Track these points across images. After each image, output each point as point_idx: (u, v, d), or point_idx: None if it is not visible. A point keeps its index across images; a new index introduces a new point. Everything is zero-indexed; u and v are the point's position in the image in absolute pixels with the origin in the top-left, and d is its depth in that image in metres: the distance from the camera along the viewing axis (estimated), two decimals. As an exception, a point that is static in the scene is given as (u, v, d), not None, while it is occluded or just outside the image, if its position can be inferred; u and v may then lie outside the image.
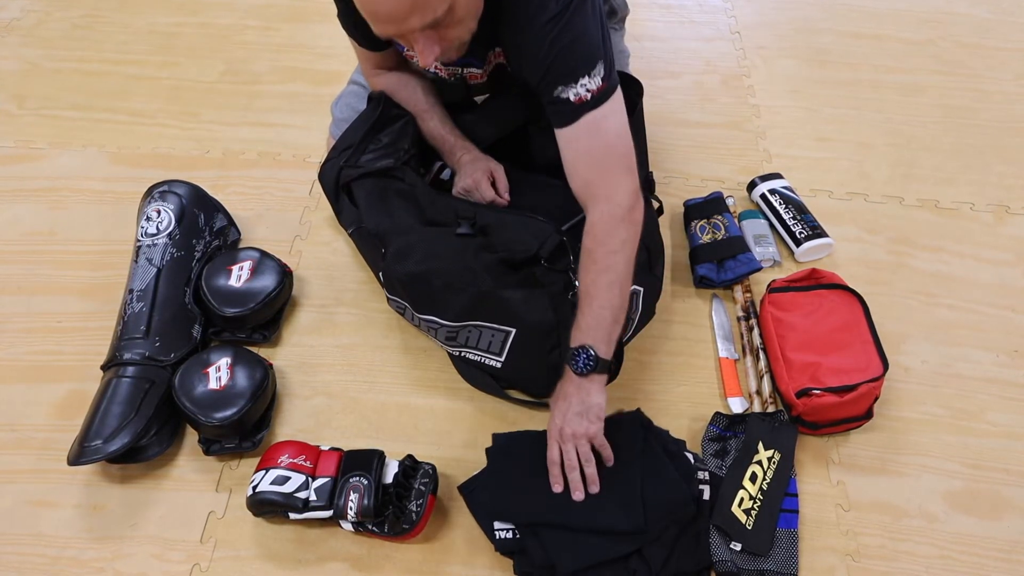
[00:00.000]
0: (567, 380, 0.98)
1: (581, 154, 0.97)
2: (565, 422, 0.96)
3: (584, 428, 0.95)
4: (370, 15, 0.87)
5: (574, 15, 0.92)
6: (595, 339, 0.95)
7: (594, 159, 0.97)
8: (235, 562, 0.96)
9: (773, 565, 0.96)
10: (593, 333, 0.96)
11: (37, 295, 1.23)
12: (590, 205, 0.97)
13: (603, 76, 0.94)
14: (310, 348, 1.17)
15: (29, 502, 1.01)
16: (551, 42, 0.92)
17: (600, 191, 0.97)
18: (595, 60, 0.93)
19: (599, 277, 0.96)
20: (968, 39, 1.74)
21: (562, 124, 0.96)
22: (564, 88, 0.94)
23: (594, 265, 0.96)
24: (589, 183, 0.98)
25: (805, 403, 1.04)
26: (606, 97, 0.95)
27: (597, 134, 0.96)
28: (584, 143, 0.96)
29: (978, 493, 1.04)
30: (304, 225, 1.33)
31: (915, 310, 1.24)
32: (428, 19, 0.85)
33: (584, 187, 0.98)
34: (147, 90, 1.57)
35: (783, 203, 1.33)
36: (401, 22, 0.86)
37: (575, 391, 0.96)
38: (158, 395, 1.04)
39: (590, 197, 0.97)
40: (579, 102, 0.94)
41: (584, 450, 0.95)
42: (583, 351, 0.95)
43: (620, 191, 0.96)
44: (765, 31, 1.75)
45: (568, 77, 0.93)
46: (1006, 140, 1.52)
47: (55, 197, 1.37)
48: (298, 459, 0.97)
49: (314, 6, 1.76)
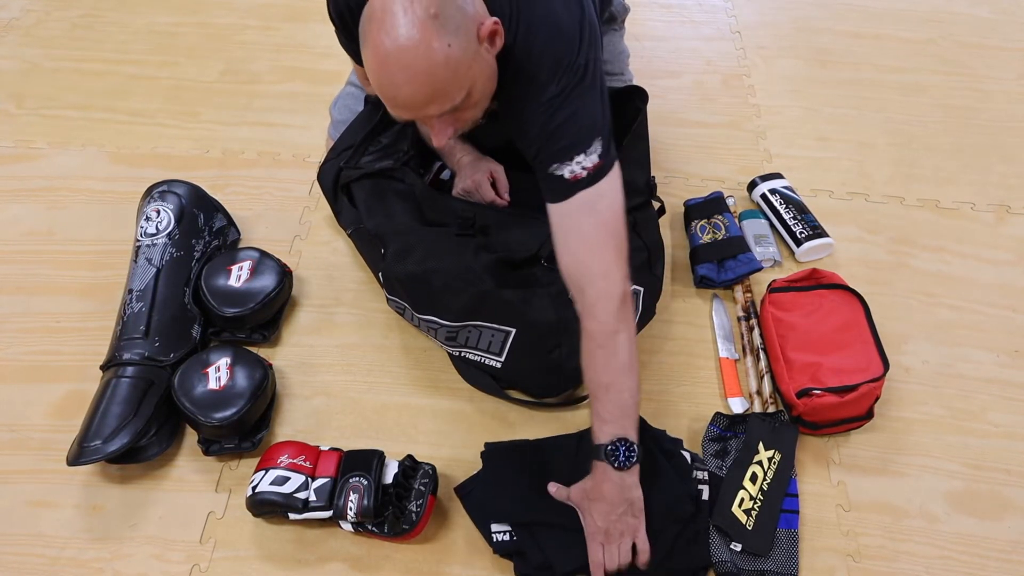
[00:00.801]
0: (604, 479, 0.90)
1: (573, 231, 0.92)
2: (610, 524, 0.91)
3: (631, 527, 0.91)
4: (388, 100, 0.84)
5: (573, 93, 0.89)
6: (625, 428, 0.90)
7: (588, 237, 0.92)
8: (235, 562, 0.96)
9: (773, 565, 0.95)
10: (621, 422, 0.90)
11: (36, 295, 1.23)
12: (585, 285, 0.92)
13: (600, 153, 0.90)
14: (310, 348, 1.17)
15: (28, 502, 1.01)
16: (546, 122, 0.89)
17: (596, 269, 0.92)
18: (592, 138, 0.90)
19: (610, 362, 0.91)
20: (969, 39, 1.74)
21: (556, 200, 0.92)
22: (559, 165, 0.90)
23: (601, 350, 0.91)
24: (582, 262, 0.92)
25: (806, 403, 1.04)
26: (602, 175, 0.91)
27: (592, 212, 0.91)
28: (577, 220, 0.92)
29: (979, 493, 1.04)
30: (304, 225, 1.33)
31: (916, 310, 1.24)
32: (446, 107, 0.83)
33: (577, 266, 0.93)
34: (146, 90, 1.56)
35: (783, 203, 1.33)
36: (419, 110, 0.84)
37: (616, 491, 0.90)
38: (157, 395, 1.04)
39: (584, 276, 0.92)
40: (574, 179, 0.90)
41: (625, 548, 0.91)
42: (623, 444, 0.89)
43: (615, 270, 0.91)
44: (765, 31, 1.75)
45: (563, 155, 0.90)
46: (1007, 140, 1.52)
47: (54, 197, 1.37)
48: (298, 459, 0.97)
49: (313, 6, 1.76)
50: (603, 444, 0.90)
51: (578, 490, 0.94)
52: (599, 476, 0.91)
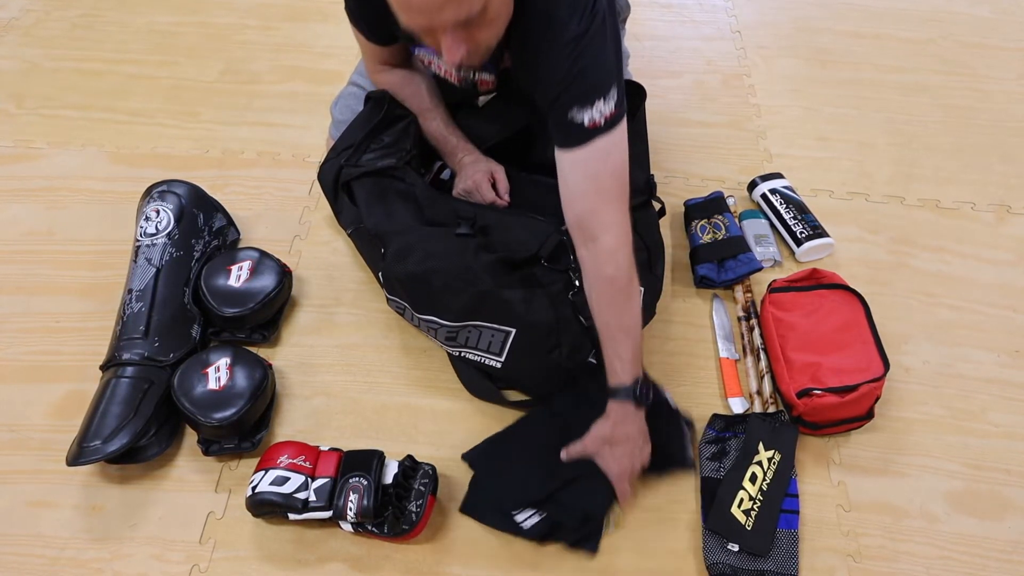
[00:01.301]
0: (626, 419, 0.95)
1: (587, 179, 0.94)
2: (634, 460, 0.97)
3: (647, 455, 0.98)
4: (403, 4, 0.84)
5: (595, 37, 0.90)
6: (641, 367, 0.97)
7: (604, 185, 0.94)
8: (234, 563, 0.96)
9: (773, 566, 0.95)
10: (639, 362, 0.96)
11: (36, 295, 1.22)
12: (601, 233, 0.94)
13: (616, 102, 0.91)
14: (309, 348, 1.17)
15: (28, 503, 1.01)
16: (571, 63, 0.90)
17: (613, 217, 0.94)
18: (610, 85, 0.91)
19: (630, 307, 0.95)
20: (969, 38, 1.74)
21: (570, 145, 0.92)
22: (579, 110, 0.90)
23: (622, 295, 0.95)
24: (597, 211, 0.94)
25: (806, 403, 1.04)
26: (616, 124, 0.92)
27: (605, 160, 0.93)
28: (592, 168, 0.93)
29: (979, 494, 1.04)
30: (303, 225, 1.33)
31: (916, 310, 1.24)
32: (462, 15, 0.83)
33: (591, 214, 0.94)
34: (146, 89, 1.56)
35: (784, 203, 1.32)
36: (435, 14, 0.83)
37: (637, 428, 0.96)
38: (157, 395, 1.03)
39: (601, 224, 0.94)
40: (592, 126, 0.91)
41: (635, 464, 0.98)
42: (645, 383, 0.95)
43: (626, 220, 0.94)
44: (766, 30, 1.74)
45: (584, 100, 0.90)
46: (1007, 139, 1.52)
47: (54, 197, 1.37)
48: (297, 459, 0.97)
49: (314, 5, 1.76)
50: (628, 385, 0.95)
51: (595, 438, 0.98)
52: (619, 416, 0.96)
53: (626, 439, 0.96)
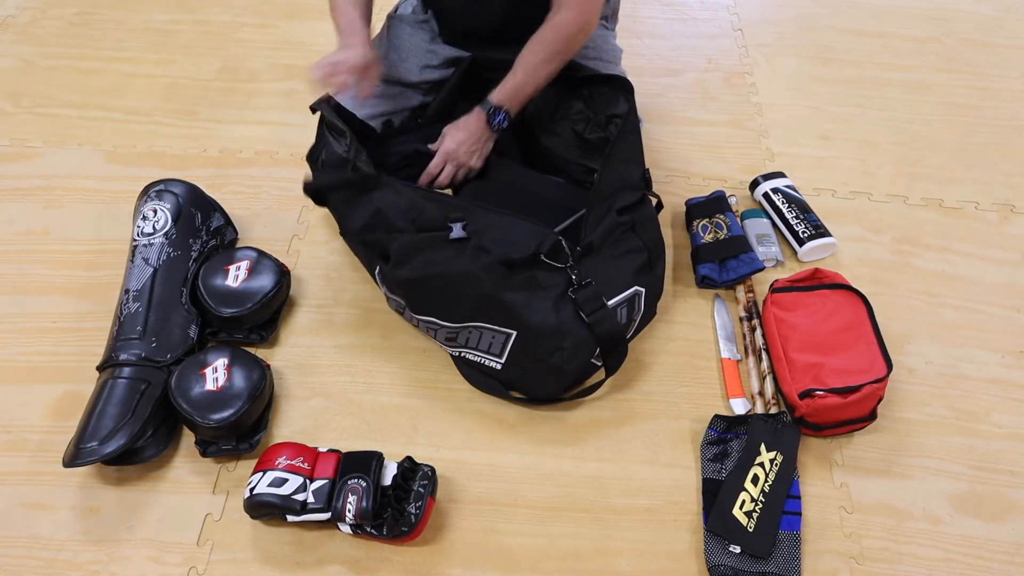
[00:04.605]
0: (476, 122, 1.13)
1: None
2: (459, 148, 1.14)
3: (471, 162, 1.16)
4: None
5: None
6: (512, 105, 1.13)
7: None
8: (232, 565, 0.95)
9: (775, 568, 0.95)
10: (512, 100, 1.12)
11: (32, 295, 1.22)
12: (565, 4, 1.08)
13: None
14: (308, 348, 1.16)
15: (24, 504, 1.00)
16: None
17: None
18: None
19: (537, 56, 1.10)
20: (973, 36, 1.73)
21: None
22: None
23: (542, 49, 1.10)
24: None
25: (808, 404, 1.03)
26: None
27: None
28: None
29: (983, 495, 1.03)
30: (302, 224, 1.32)
31: (919, 310, 1.23)
32: None
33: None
34: (143, 88, 1.55)
35: (786, 202, 1.32)
36: None
37: (477, 128, 1.14)
38: (154, 396, 1.03)
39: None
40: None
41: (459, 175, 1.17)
42: (501, 112, 1.12)
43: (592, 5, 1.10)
44: (767, 28, 1.74)
45: None
46: (1011, 138, 1.51)
47: (50, 196, 1.36)
48: (296, 461, 0.96)
49: (311, 3, 1.75)
50: (492, 104, 1.12)
51: (449, 126, 1.16)
52: (473, 116, 1.14)
53: (465, 128, 1.14)
